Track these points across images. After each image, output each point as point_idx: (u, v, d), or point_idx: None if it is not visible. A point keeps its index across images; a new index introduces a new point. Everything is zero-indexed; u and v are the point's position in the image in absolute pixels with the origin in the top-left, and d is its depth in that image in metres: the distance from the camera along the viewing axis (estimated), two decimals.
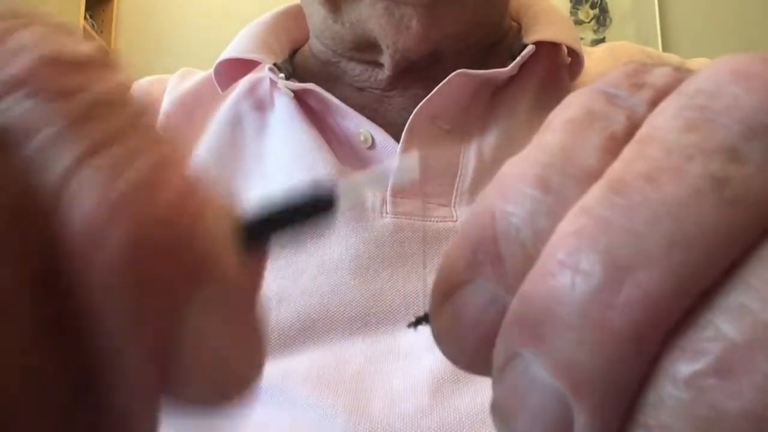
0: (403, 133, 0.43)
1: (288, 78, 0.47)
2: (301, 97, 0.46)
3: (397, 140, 0.43)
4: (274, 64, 0.47)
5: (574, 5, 2.34)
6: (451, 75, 0.43)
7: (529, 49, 0.44)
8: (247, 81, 0.50)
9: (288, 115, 0.46)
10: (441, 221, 0.41)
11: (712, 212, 0.11)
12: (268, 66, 0.47)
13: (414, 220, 0.41)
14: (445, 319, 0.14)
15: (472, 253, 0.14)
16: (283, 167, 0.44)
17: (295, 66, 0.52)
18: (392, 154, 0.43)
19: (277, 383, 0.36)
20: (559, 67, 0.49)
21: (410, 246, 0.40)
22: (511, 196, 0.13)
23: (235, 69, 0.49)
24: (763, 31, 2.18)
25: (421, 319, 0.17)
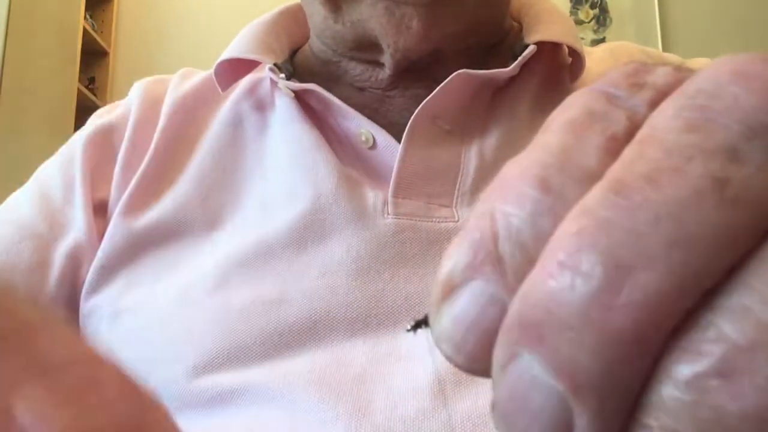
0: (405, 134, 0.42)
1: (289, 78, 0.47)
2: (301, 97, 0.46)
3: (398, 140, 0.42)
4: (275, 64, 0.47)
5: (574, 5, 2.34)
6: (453, 75, 0.42)
7: (531, 49, 0.44)
8: (247, 81, 0.50)
9: (289, 116, 0.45)
10: (443, 222, 0.40)
11: (713, 212, 0.11)
12: (269, 66, 0.46)
13: (415, 220, 0.40)
14: (445, 320, 0.14)
15: (472, 254, 0.13)
16: (283, 167, 0.44)
17: (295, 66, 0.51)
18: (393, 155, 0.42)
19: (279, 386, 0.36)
20: (560, 68, 0.48)
21: (412, 247, 0.39)
22: (512, 197, 0.13)
23: (235, 69, 0.48)
24: (763, 31, 2.18)
25: (421, 323, 0.17)
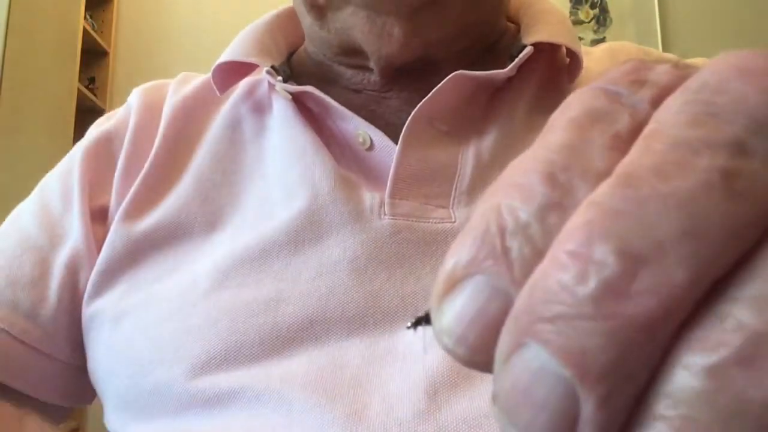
0: (401, 135, 0.42)
1: (286, 80, 0.47)
2: (299, 99, 0.46)
3: (396, 141, 0.42)
4: (272, 67, 0.47)
5: (574, 5, 2.34)
6: (449, 76, 0.42)
7: (528, 50, 0.44)
8: (245, 84, 0.50)
9: (286, 118, 0.45)
10: (439, 222, 0.40)
11: (722, 204, 0.12)
12: (266, 69, 0.46)
13: (412, 221, 0.40)
14: (447, 313, 0.14)
15: (476, 249, 0.13)
16: (281, 169, 0.44)
17: (293, 67, 0.52)
18: (390, 156, 0.42)
19: (276, 387, 0.36)
20: (558, 68, 0.48)
21: (408, 247, 0.39)
22: (518, 193, 0.13)
23: (233, 72, 0.49)
24: (763, 31, 2.18)
25: (421, 320, 0.17)
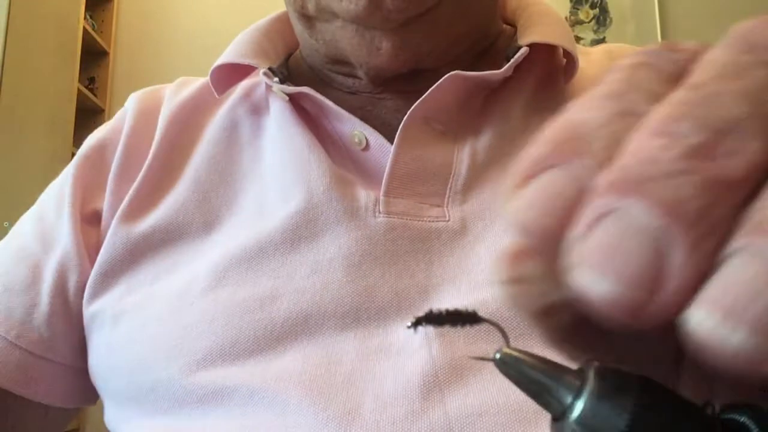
0: (397, 135, 0.42)
1: (283, 82, 0.47)
2: (296, 101, 0.46)
3: (391, 141, 0.43)
4: (269, 68, 0.47)
5: (574, 5, 2.35)
6: (446, 76, 0.43)
7: (523, 51, 0.44)
8: (243, 86, 0.50)
9: (283, 119, 0.46)
10: (433, 221, 0.41)
11: None
12: (263, 70, 0.47)
13: (406, 219, 0.41)
14: (525, 197, 0.15)
15: (551, 147, 0.15)
16: (278, 169, 0.44)
17: (290, 70, 0.52)
18: (386, 156, 0.43)
19: (271, 386, 0.36)
20: (555, 69, 0.49)
21: (402, 244, 0.40)
22: (587, 108, 0.15)
23: (231, 74, 0.49)
24: None
25: (421, 320, 0.17)
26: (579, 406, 0.16)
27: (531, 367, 0.17)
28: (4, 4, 1.79)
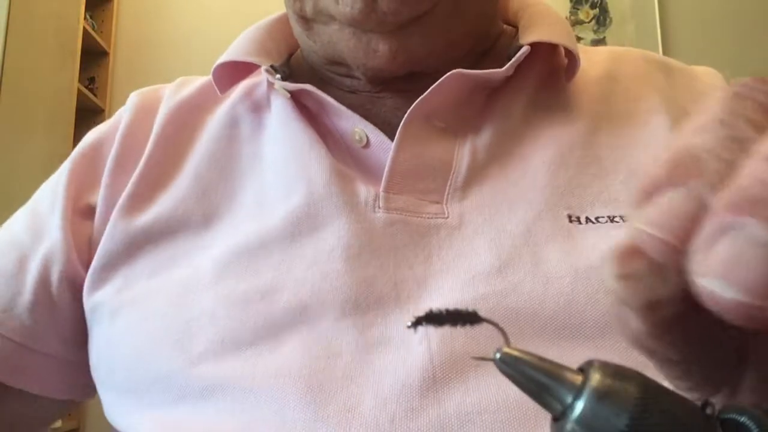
0: (398, 132, 0.43)
1: (284, 80, 0.47)
2: (297, 98, 0.47)
3: (392, 138, 0.43)
4: (271, 66, 0.48)
5: (574, 5, 2.34)
6: (447, 74, 0.43)
7: (524, 50, 0.45)
8: (244, 85, 0.51)
9: (285, 115, 0.46)
10: (432, 218, 0.41)
11: None
12: (265, 68, 0.47)
13: (406, 215, 0.41)
14: (654, 208, 0.16)
15: (671, 168, 0.16)
16: (278, 165, 0.45)
17: (291, 69, 0.52)
18: (386, 153, 0.43)
19: (270, 382, 0.36)
20: (556, 68, 0.49)
21: (402, 238, 0.40)
22: (701, 133, 0.17)
23: (233, 72, 0.49)
24: (762, 32, 2.18)
25: (421, 320, 0.17)
26: (579, 406, 0.16)
27: (531, 367, 0.17)
28: (4, 4, 1.79)
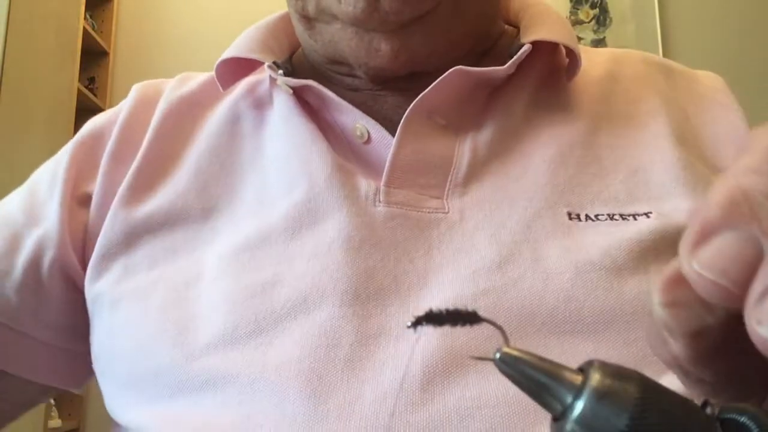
0: (399, 127, 0.43)
1: (287, 76, 0.47)
2: (299, 95, 0.47)
3: (393, 134, 0.43)
4: (274, 62, 0.48)
5: (574, 5, 2.34)
6: (449, 71, 0.43)
7: (526, 48, 0.45)
8: (247, 82, 0.51)
9: (287, 111, 0.46)
10: (433, 212, 0.41)
11: None
12: (267, 64, 0.47)
13: (406, 210, 0.41)
14: (707, 254, 0.16)
15: (726, 210, 0.16)
16: (280, 160, 0.45)
17: (293, 66, 0.52)
18: (387, 148, 0.43)
19: (270, 375, 0.36)
20: (557, 67, 0.49)
21: (402, 232, 0.40)
22: (754, 174, 0.16)
23: (235, 70, 0.50)
24: (762, 32, 2.18)
25: (421, 319, 0.17)
26: (579, 406, 0.16)
27: (531, 367, 0.17)
28: (4, 4, 1.79)
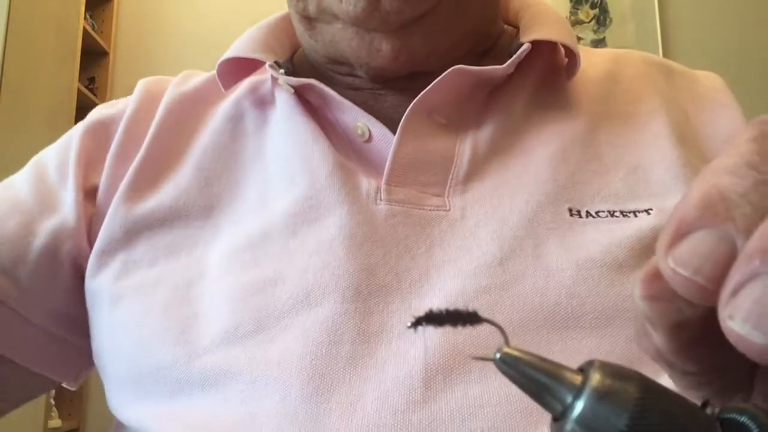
0: (400, 125, 0.43)
1: (288, 75, 0.48)
2: (300, 94, 0.47)
3: (394, 133, 0.43)
4: (275, 62, 0.48)
5: (574, 5, 2.34)
6: (449, 70, 0.43)
7: (525, 47, 0.45)
8: (249, 82, 0.51)
9: (288, 110, 0.47)
10: (434, 210, 0.41)
11: None
12: (269, 63, 0.48)
13: (407, 207, 0.41)
14: (683, 251, 0.16)
15: (702, 210, 0.16)
16: (281, 159, 0.45)
17: (294, 66, 0.53)
18: (388, 147, 0.43)
19: (272, 373, 0.36)
20: (557, 67, 0.49)
21: (404, 229, 0.41)
22: (731, 175, 0.16)
23: (237, 69, 0.50)
24: (762, 32, 2.18)
25: (421, 320, 0.17)
26: (579, 406, 0.16)
27: (531, 367, 0.17)
28: (4, 4, 1.79)
